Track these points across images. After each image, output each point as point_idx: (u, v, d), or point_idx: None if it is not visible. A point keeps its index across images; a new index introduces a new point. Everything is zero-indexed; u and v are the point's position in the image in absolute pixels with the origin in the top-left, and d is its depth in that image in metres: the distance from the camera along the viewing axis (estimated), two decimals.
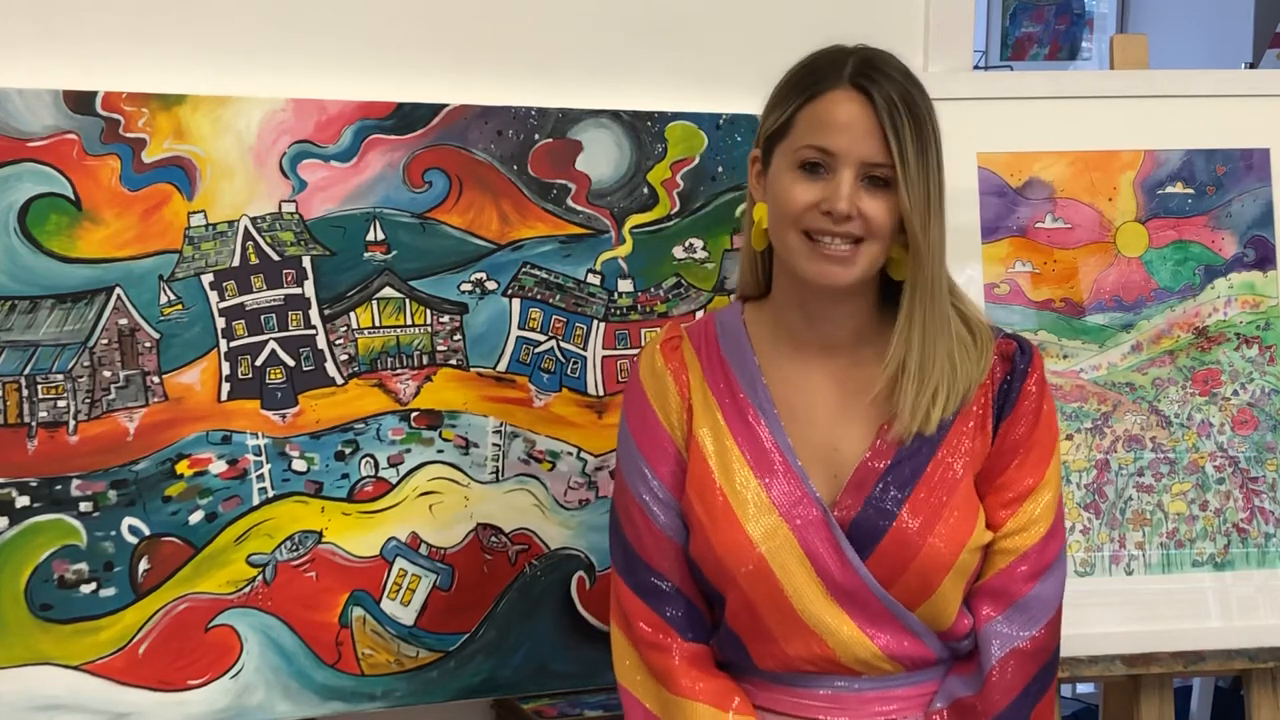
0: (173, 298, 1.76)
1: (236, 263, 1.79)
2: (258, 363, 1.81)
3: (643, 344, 1.96)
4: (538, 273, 1.93)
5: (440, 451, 1.90)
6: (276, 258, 1.81)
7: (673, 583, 1.64)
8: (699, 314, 2.00)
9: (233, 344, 1.79)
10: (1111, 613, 2.05)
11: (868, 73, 1.54)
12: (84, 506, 1.73)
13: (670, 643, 1.63)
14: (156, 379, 1.76)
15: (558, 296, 1.95)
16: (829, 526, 1.57)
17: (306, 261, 1.82)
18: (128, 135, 1.73)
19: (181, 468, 1.77)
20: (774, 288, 1.65)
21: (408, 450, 1.88)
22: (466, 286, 1.90)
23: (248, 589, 1.80)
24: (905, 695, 1.62)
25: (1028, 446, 1.62)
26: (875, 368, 1.59)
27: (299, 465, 1.83)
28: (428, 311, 1.88)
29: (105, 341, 1.73)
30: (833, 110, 1.54)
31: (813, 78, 1.57)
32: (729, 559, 1.57)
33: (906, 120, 1.52)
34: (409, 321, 1.87)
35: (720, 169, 2.01)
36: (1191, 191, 2.11)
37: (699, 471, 1.61)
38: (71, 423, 1.72)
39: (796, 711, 1.62)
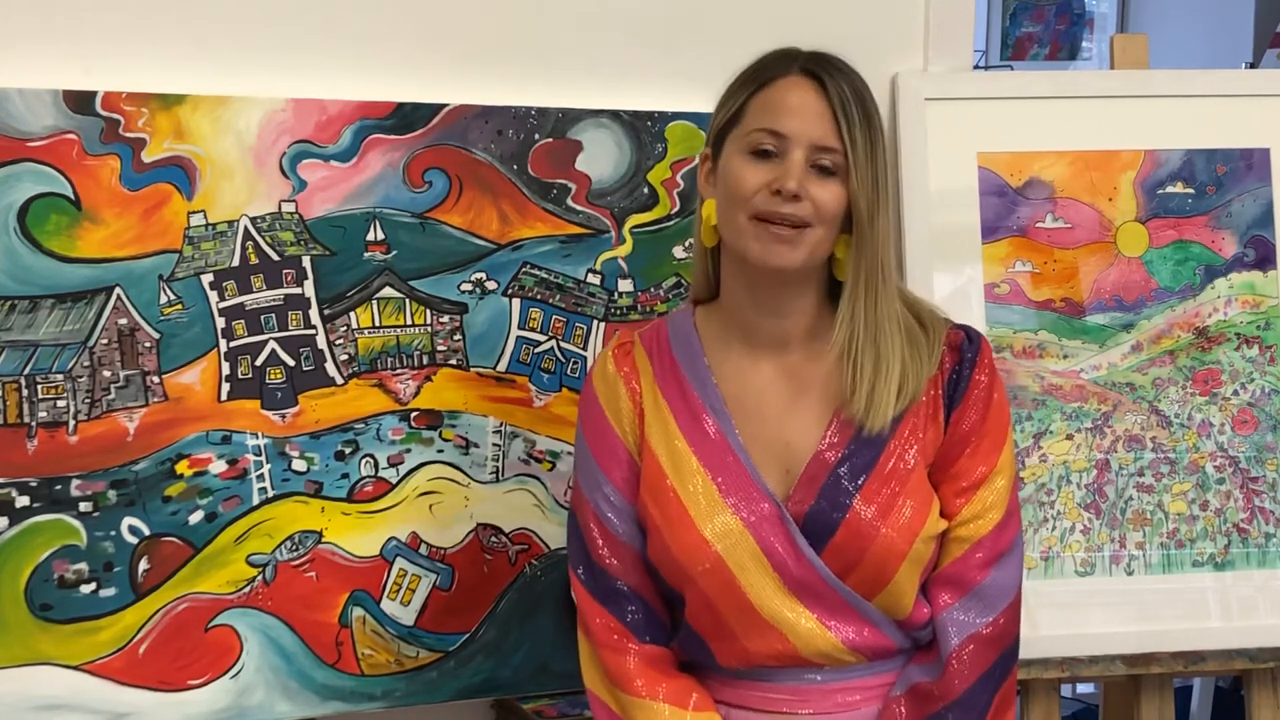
0: (173, 297, 1.76)
1: (236, 262, 1.79)
2: (258, 363, 1.80)
3: None
4: (538, 273, 1.93)
5: (440, 451, 1.90)
6: (276, 258, 1.81)
7: (630, 586, 1.64)
8: None
9: (233, 344, 1.79)
10: (1111, 613, 2.05)
11: (819, 63, 1.57)
12: (84, 506, 1.73)
13: (627, 644, 1.63)
14: (156, 379, 1.76)
15: (558, 296, 1.95)
16: (783, 521, 1.57)
17: (306, 261, 1.82)
18: (128, 135, 1.73)
19: (181, 468, 1.77)
20: (723, 288, 1.65)
21: (408, 450, 1.88)
22: (466, 286, 1.90)
23: (248, 589, 1.80)
24: (868, 685, 1.62)
25: (979, 435, 1.62)
26: (825, 362, 1.60)
27: (299, 465, 1.83)
28: (428, 311, 1.88)
29: (105, 341, 1.73)
30: (784, 95, 1.56)
31: (764, 69, 1.59)
32: (686, 559, 1.57)
33: (856, 109, 1.55)
34: (409, 321, 1.87)
35: None
36: (1192, 191, 2.11)
37: (652, 474, 1.61)
38: (71, 423, 1.72)
39: (761, 706, 1.62)
